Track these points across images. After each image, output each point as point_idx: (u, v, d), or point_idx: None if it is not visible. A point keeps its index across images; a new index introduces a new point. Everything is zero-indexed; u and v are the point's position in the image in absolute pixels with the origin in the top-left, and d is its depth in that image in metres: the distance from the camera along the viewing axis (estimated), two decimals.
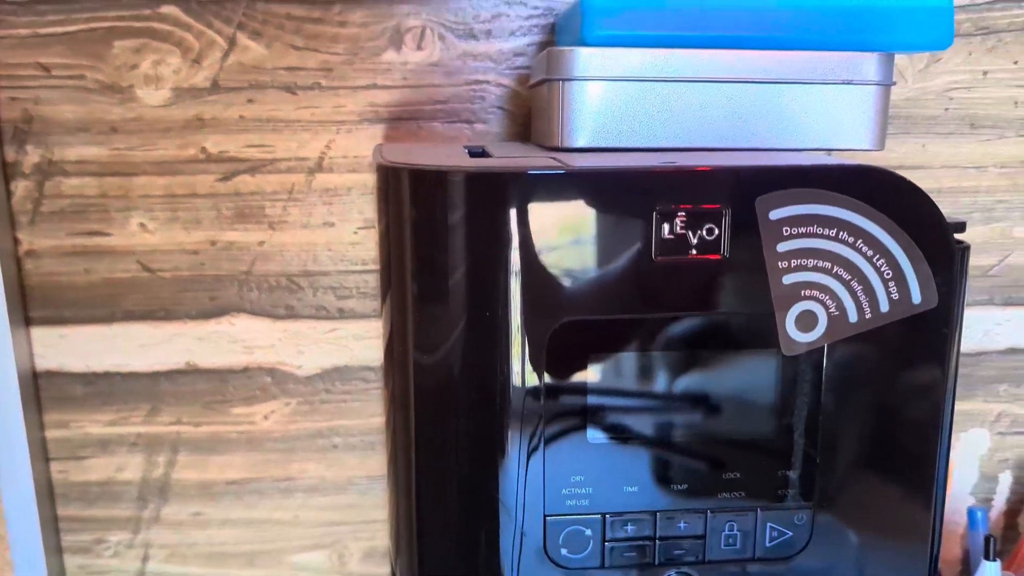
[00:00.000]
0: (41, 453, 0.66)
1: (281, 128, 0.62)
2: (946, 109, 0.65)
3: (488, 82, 0.62)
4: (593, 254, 0.38)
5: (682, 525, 0.40)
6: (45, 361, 0.65)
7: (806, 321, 0.39)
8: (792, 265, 0.38)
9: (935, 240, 0.39)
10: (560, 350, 0.38)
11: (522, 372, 0.38)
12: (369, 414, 0.67)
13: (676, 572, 0.41)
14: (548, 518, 0.40)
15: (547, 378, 0.39)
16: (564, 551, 0.40)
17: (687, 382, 0.40)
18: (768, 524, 0.41)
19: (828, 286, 0.39)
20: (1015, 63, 0.64)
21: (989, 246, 0.68)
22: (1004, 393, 0.71)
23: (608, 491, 0.40)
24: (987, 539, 0.56)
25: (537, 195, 0.37)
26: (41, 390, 0.65)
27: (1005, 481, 0.72)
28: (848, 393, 0.40)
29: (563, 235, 0.37)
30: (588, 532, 0.40)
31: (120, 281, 0.64)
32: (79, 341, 0.65)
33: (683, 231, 0.38)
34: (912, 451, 0.41)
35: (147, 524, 0.69)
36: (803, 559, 0.41)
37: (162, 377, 0.66)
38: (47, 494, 0.67)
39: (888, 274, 0.39)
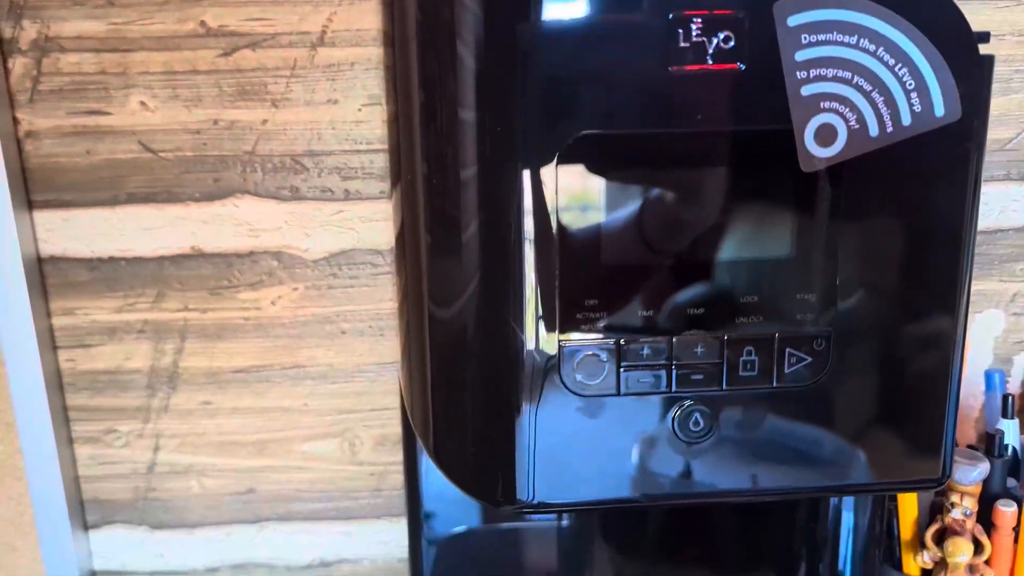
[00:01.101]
0: (48, 341, 0.66)
1: (281, 0, 0.60)
2: None
3: None
4: (605, 64, 0.36)
5: (699, 350, 0.40)
6: (49, 246, 0.64)
7: (825, 135, 0.38)
8: (811, 75, 0.37)
9: (959, 49, 0.38)
10: (573, 165, 0.37)
11: (536, 189, 0.37)
12: (378, 299, 0.67)
13: (690, 404, 0.40)
14: (562, 343, 0.39)
15: (560, 194, 0.38)
16: (579, 377, 0.40)
17: (703, 200, 0.39)
18: (787, 349, 0.40)
19: (848, 97, 0.38)
20: None
21: (1006, 119, 0.66)
22: (1021, 272, 0.70)
23: (623, 316, 0.39)
24: (1005, 398, 0.55)
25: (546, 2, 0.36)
26: (46, 276, 0.65)
27: (1020, 364, 0.72)
28: (868, 212, 0.39)
29: (576, 46, 0.36)
30: (603, 357, 0.40)
31: (122, 162, 0.63)
32: (82, 225, 0.64)
33: (699, 39, 0.36)
34: (934, 271, 0.40)
35: (156, 413, 0.68)
36: (822, 387, 0.41)
37: (167, 262, 0.65)
38: (56, 383, 0.67)
39: (910, 85, 0.38)
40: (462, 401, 0.41)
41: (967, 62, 0.38)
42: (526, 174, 0.37)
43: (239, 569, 0.73)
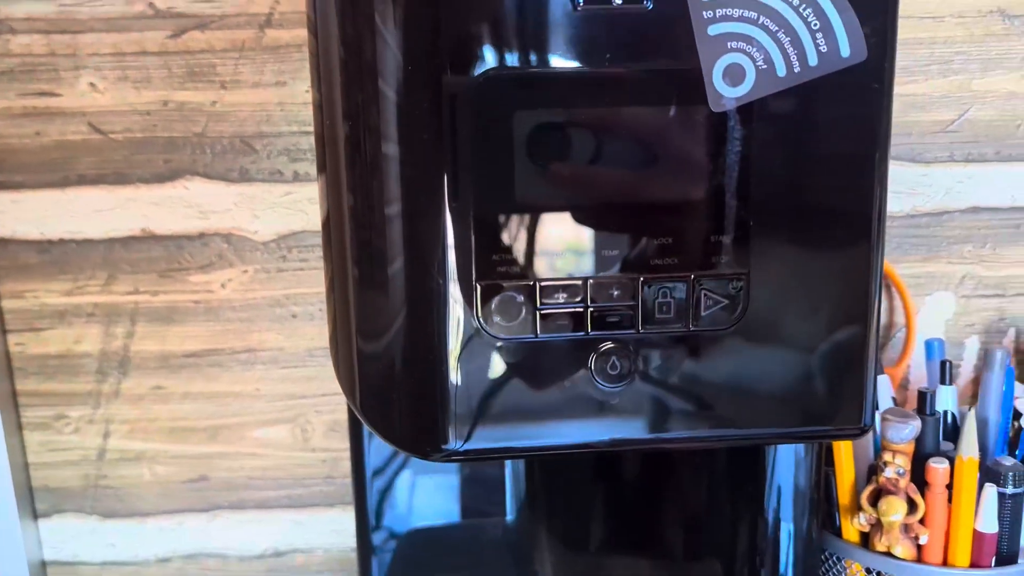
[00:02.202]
0: None
1: None
2: None
3: None
4: (512, 3, 0.37)
5: (614, 292, 0.40)
6: None
7: (734, 75, 0.38)
8: (717, 15, 0.38)
9: None
10: (482, 107, 0.38)
11: (447, 127, 0.38)
12: None
13: (607, 347, 0.40)
14: (480, 285, 0.40)
15: (470, 136, 0.38)
16: (497, 319, 0.40)
17: (614, 140, 0.39)
18: (702, 291, 0.40)
19: (755, 37, 0.38)
20: None
21: (948, 100, 0.67)
22: (969, 254, 0.70)
23: (539, 257, 0.40)
24: (943, 364, 0.55)
25: None
26: None
27: (972, 347, 0.72)
28: (779, 153, 0.40)
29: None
30: (519, 299, 0.40)
31: (72, 144, 0.63)
32: (32, 206, 0.64)
33: None
34: (848, 215, 0.40)
35: (107, 398, 0.68)
36: (740, 330, 0.41)
37: (118, 244, 0.65)
38: (5, 367, 0.67)
39: (815, 25, 0.38)
40: (386, 351, 0.41)
41: (871, 2, 0.39)
42: (446, 102, 0.38)
43: (191, 559, 0.72)
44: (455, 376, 0.41)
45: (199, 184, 0.65)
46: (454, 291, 0.40)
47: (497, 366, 0.41)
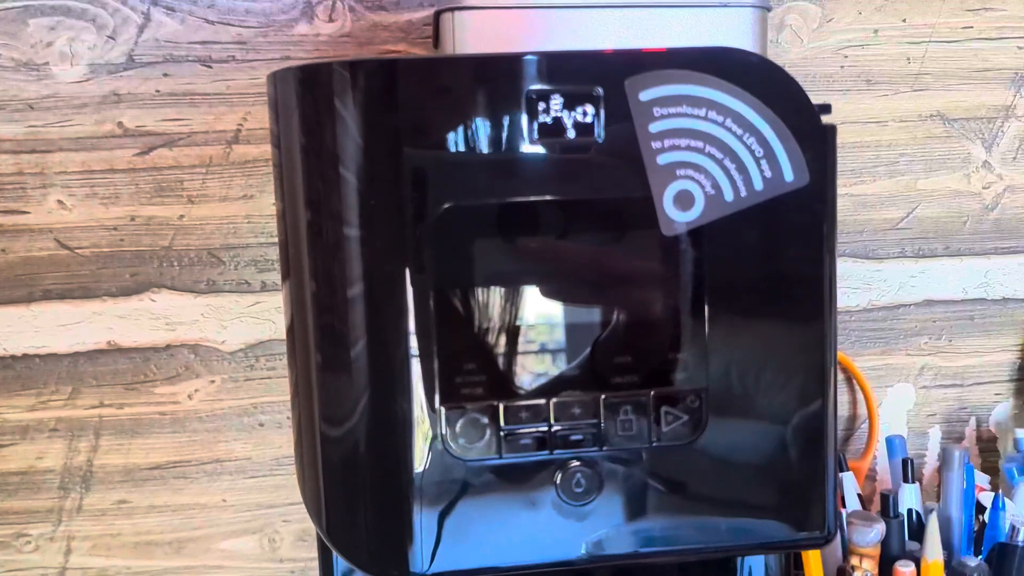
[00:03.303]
0: None
1: (198, 101, 0.63)
2: (842, 67, 0.68)
3: (399, 52, 0.64)
4: (470, 140, 0.39)
5: (576, 411, 0.41)
6: None
7: (684, 200, 0.40)
8: (666, 145, 0.40)
9: (802, 119, 0.40)
10: (442, 236, 0.39)
11: (411, 260, 0.39)
12: None
13: (572, 466, 0.41)
14: (443, 408, 0.40)
15: (433, 265, 0.39)
16: (462, 441, 0.40)
17: (572, 266, 0.40)
18: (663, 408, 0.41)
19: (702, 165, 0.40)
20: (903, 20, 0.67)
21: (897, 199, 0.70)
22: (926, 346, 0.72)
23: (500, 379, 0.40)
24: (904, 462, 0.56)
25: (414, 82, 0.38)
26: None
27: (935, 436, 0.73)
28: (731, 272, 0.41)
29: (441, 122, 0.39)
30: (483, 420, 0.40)
31: (38, 259, 0.64)
32: None
33: (559, 114, 0.39)
34: (801, 327, 0.41)
35: (69, 514, 0.67)
36: (702, 444, 0.41)
37: (82, 357, 0.65)
38: None
39: (759, 152, 0.40)
40: (351, 475, 0.42)
41: (811, 130, 0.41)
42: (408, 232, 0.39)
43: None
44: (420, 498, 0.41)
45: (166, 296, 0.65)
46: (419, 414, 0.40)
47: (464, 489, 0.41)
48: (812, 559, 0.52)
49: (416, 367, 0.40)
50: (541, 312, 0.41)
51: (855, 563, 0.49)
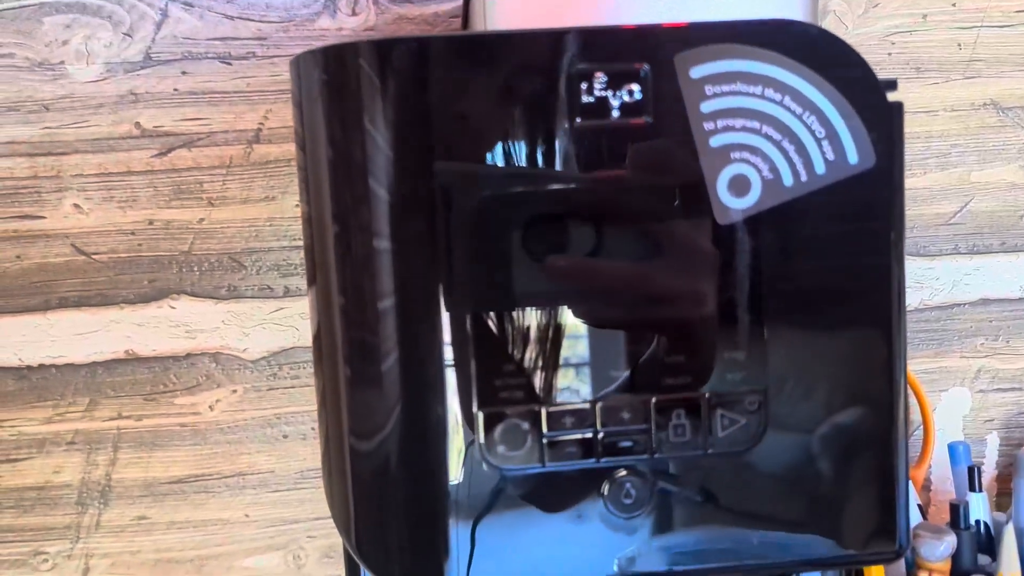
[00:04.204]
0: None
1: (217, 100, 0.61)
2: (889, 54, 0.64)
3: None
4: (510, 121, 0.36)
5: (625, 415, 0.37)
6: None
7: (739, 186, 0.37)
8: (719, 126, 0.37)
9: (866, 96, 0.37)
10: (482, 227, 0.36)
11: (445, 253, 0.36)
12: None
13: (621, 475, 0.38)
14: (482, 414, 0.37)
15: (472, 257, 0.36)
16: (501, 449, 0.37)
17: (620, 259, 0.37)
18: (719, 411, 0.38)
19: (759, 147, 0.37)
20: (953, 5, 0.64)
21: (949, 193, 0.66)
22: (982, 347, 0.68)
23: (543, 381, 0.37)
24: (971, 470, 0.52)
25: (449, 61, 0.36)
26: None
27: (993, 443, 0.69)
28: (791, 264, 0.38)
29: (478, 102, 0.36)
30: (524, 426, 0.37)
31: (54, 266, 0.61)
32: (11, 332, 0.62)
33: (604, 93, 0.36)
34: (867, 322, 0.38)
35: (87, 531, 0.64)
36: (760, 451, 0.38)
37: (100, 367, 0.63)
38: None
39: (820, 133, 0.37)
40: (382, 486, 0.39)
41: (876, 108, 0.37)
42: (440, 226, 0.36)
43: None
44: (456, 510, 0.38)
45: (186, 303, 0.63)
46: (454, 421, 0.37)
47: (501, 498, 0.38)
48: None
49: (452, 371, 0.37)
50: (585, 307, 0.37)
51: None
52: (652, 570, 0.39)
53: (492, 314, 0.37)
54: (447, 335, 0.37)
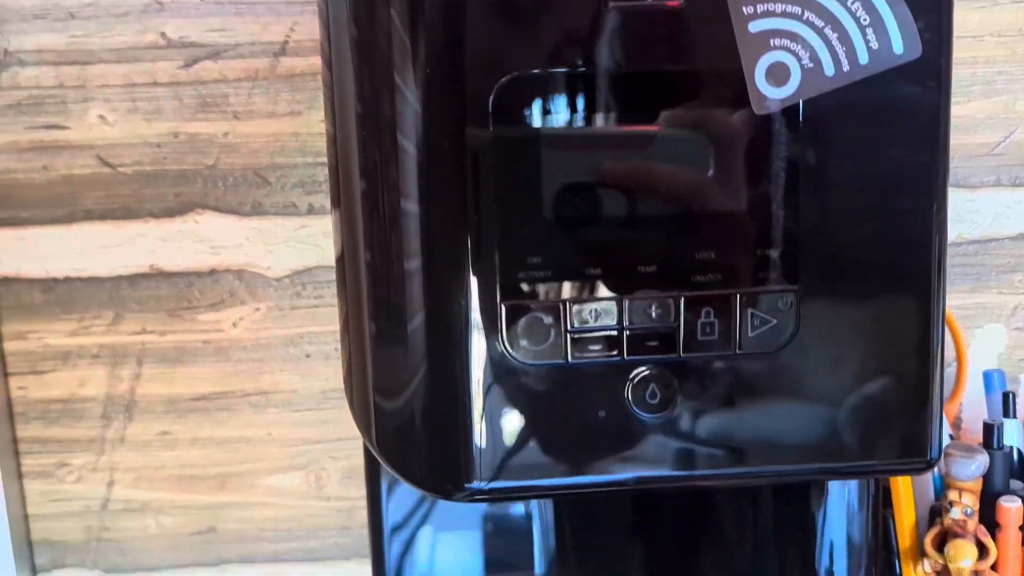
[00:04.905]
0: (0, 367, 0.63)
1: (244, 10, 0.60)
2: None
3: None
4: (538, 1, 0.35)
5: (652, 312, 0.37)
6: (2, 267, 0.62)
7: (778, 74, 0.36)
8: (758, 11, 0.35)
9: None
10: (506, 110, 0.35)
11: (468, 135, 0.35)
12: None
13: (646, 373, 0.37)
14: (504, 304, 0.36)
15: (494, 145, 0.35)
16: (524, 343, 0.37)
17: (651, 146, 0.36)
18: (749, 311, 0.37)
19: (799, 34, 0.35)
20: None
21: (993, 122, 0.64)
22: (1020, 283, 0.66)
23: (568, 274, 0.36)
24: (1006, 396, 0.51)
25: None
26: None
27: None
28: (830, 158, 0.36)
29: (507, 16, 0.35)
30: (548, 320, 0.36)
31: (79, 178, 0.61)
32: (37, 244, 0.62)
33: None
34: (906, 220, 0.37)
35: (112, 445, 0.65)
36: (791, 353, 0.37)
37: (124, 282, 0.63)
38: (6, 413, 0.64)
39: (865, 20, 0.36)
40: (404, 382, 0.38)
41: None
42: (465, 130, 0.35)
43: None
44: (479, 408, 0.37)
45: (210, 218, 0.62)
46: (477, 312, 0.36)
47: (527, 397, 0.37)
48: (903, 493, 0.47)
49: (475, 260, 0.36)
50: (616, 198, 0.36)
51: (953, 498, 0.44)
52: (674, 473, 0.38)
53: (520, 187, 0.36)
54: (470, 218, 0.36)
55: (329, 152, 0.40)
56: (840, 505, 0.48)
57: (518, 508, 0.54)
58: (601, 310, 0.36)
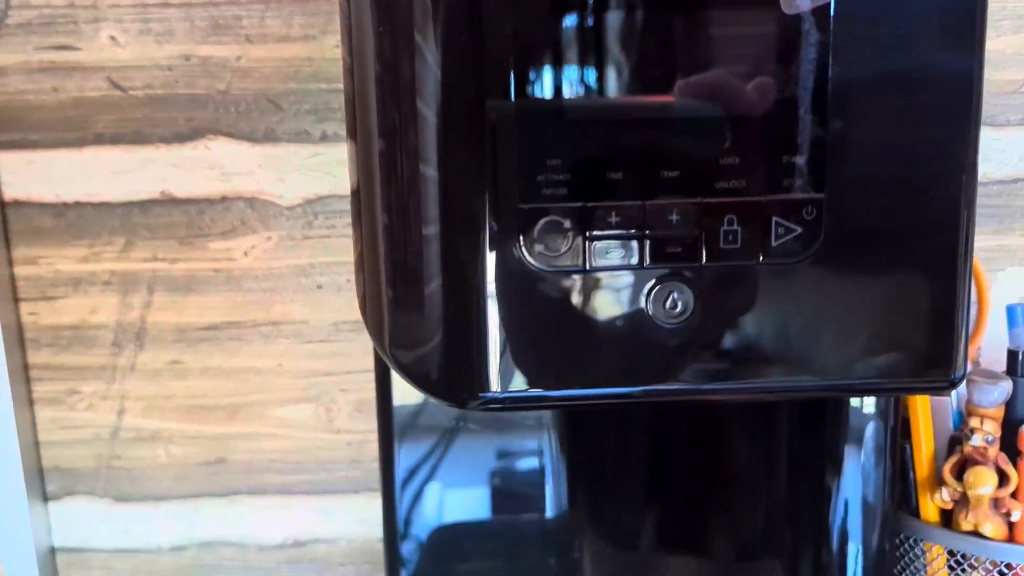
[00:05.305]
0: (10, 293, 0.63)
1: None
2: None
3: None
4: None
5: (674, 218, 0.36)
6: (13, 190, 0.62)
7: None
8: None
9: None
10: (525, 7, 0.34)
11: (492, 41, 0.34)
12: None
13: (666, 281, 0.36)
14: (522, 208, 0.35)
15: (516, 41, 0.34)
16: (541, 248, 0.36)
17: (674, 44, 0.35)
18: (773, 218, 0.36)
19: None
20: None
21: (1020, 58, 0.62)
22: None
23: (589, 178, 0.35)
24: None
25: None
26: (9, 222, 0.62)
27: None
28: (859, 63, 0.35)
29: None
30: (567, 224, 0.36)
31: (90, 100, 0.60)
32: (48, 167, 0.61)
33: None
34: (938, 128, 0.36)
35: (122, 373, 0.65)
36: (815, 264, 0.36)
37: (136, 208, 0.62)
38: (17, 339, 0.64)
39: None
40: (418, 287, 0.37)
41: None
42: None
43: (207, 548, 0.68)
44: (495, 314, 0.37)
45: (222, 144, 0.61)
46: (494, 216, 0.36)
47: (543, 303, 0.37)
48: (922, 421, 0.46)
49: (493, 163, 0.35)
50: (637, 102, 0.35)
51: (975, 425, 0.43)
52: (691, 386, 0.38)
53: (541, 85, 0.35)
54: (490, 135, 0.35)
55: (346, 82, 0.39)
56: (858, 434, 0.47)
57: (531, 443, 0.54)
58: (622, 215, 0.36)
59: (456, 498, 0.55)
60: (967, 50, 0.35)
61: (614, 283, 0.36)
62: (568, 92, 0.35)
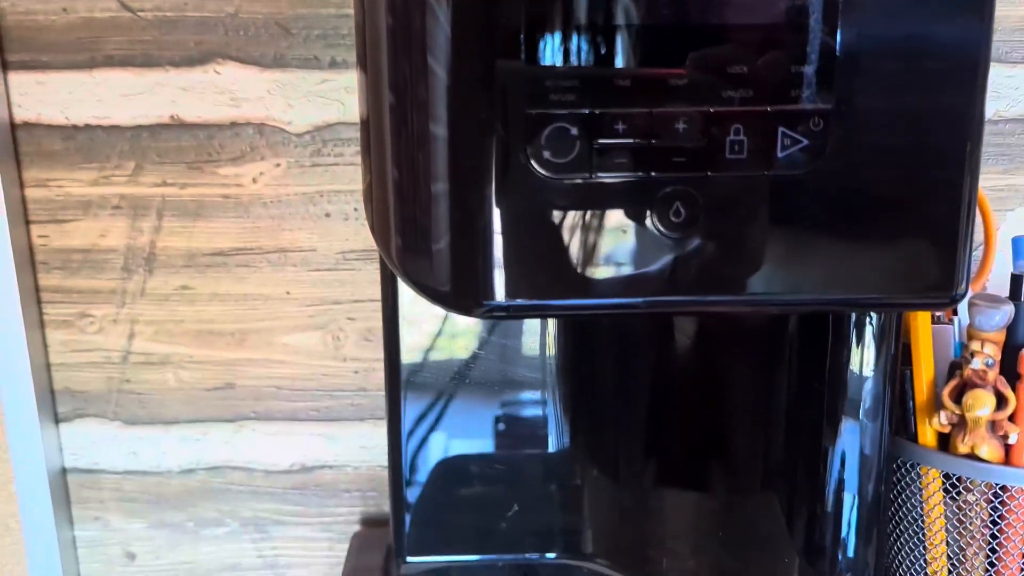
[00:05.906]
0: (21, 215, 0.63)
1: None
2: None
3: None
4: None
5: (681, 127, 0.36)
6: (23, 111, 0.62)
7: None
8: None
9: None
10: None
11: None
12: None
13: (671, 190, 0.36)
14: (528, 113, 0.35)
15: None
16: (547, 155, 0.36)
17: None
18: (780, 129, 0.36)
19: None
20: None
21: None
22: None
23: (596, 83, 0.35)
24: None
25: None
26: (19, 144, 0.62)
27: None
28: None
29: None
30: (573, 131, 0.36)
31: (100, 22, 0.60)
32: (58, 89, 0.61)
33: None
34: (948, 42, 0.35)
35: (132, 297, 0.65)
36: (821, 176, 0.36)
37: (145, 132, 0.62)
38: (28, 261, 0.64)
39: None
40: (425, 194, 0.37)
41: None
42: None
43: (215, 471, 0.69)
44: (500, 221, 0.37)
45: (231, 69, 0.61)
46: (500, 122, 0.36)
47: (546, 209, 0.37)
48: (922, 346, 0.47)
49: (501, 69, 0.35)
50: (648, 7, 0.35)
51: (975, 348, 0.43)
52: (694, 298, 0.38)
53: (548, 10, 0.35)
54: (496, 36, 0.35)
55: (356, 7, 0.39)
56: (858, 359, 0.47)
57: (535, 374, 0.54)
58: (629, 123, 0.36)
59: (462, 427, 0.56)
60: None
61: (619, 192, 0.36)
62: None
